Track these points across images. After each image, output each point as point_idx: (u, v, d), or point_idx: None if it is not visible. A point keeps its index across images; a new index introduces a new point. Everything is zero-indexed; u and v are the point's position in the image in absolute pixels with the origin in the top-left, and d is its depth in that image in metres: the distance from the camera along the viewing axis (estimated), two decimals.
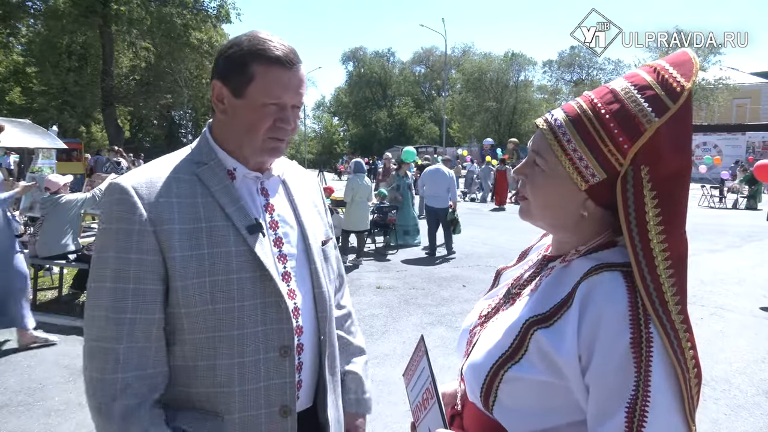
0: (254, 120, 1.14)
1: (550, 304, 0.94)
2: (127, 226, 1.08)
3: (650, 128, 0.87)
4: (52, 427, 3.41)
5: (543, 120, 0.99)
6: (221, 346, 1.12)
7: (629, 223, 0.89)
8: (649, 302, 0.85)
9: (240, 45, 1.14)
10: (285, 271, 1.22)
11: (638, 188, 0.88)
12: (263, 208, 1.23)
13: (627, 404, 0.82)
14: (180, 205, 1.12)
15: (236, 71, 1.13)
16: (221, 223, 1.14)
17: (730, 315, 5.78)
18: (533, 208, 1.01)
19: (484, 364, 0.97)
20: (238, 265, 1.13)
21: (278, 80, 1.13)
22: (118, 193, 1.10)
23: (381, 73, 57.90)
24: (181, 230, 1.10)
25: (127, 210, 1.08)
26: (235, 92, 1.14)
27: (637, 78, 0.93)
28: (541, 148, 0.98)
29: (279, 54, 1.13)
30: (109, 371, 1.07)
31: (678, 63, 0.92)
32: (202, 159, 1.20)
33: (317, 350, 1.27)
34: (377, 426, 3.43)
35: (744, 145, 27.70)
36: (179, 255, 1.09)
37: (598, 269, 0.91)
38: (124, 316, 1.07)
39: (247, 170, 1.21)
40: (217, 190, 1.16)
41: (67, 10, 20.56)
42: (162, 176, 1.14)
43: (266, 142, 1.17)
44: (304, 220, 1.29)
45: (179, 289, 1.10)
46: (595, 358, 0.85)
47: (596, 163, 0.91)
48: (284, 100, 1.15)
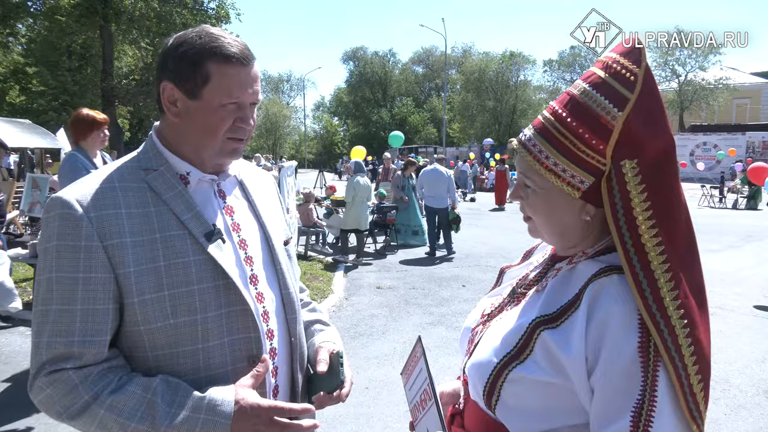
0: (213, 121, 1.08)
1: (557, 305, 0.94)
2: (71, 243, 1.00)
3: (617, 123, 0.87)
4: (52, 427, 3.40)
5: (517, 140, 1.00)
6: (185, 362, 1.06)
7: (617, 221, 0.89)
8: (644, 305, 0.84)
9: (191, 43, 1.06)
10: (252, 273, 1.16)
11: (621, 184, 0.88)
12: (222, 210, 1.17)
13: (633, 409, 0.82)
14: (130, 216, 1.04)
15: (190, 71, 1.06)
16: (177, 233, 1.07)
17: (730, 315, 5.79)
18: (539, 226, 1.02)
19: (489, 363, 0.97)
20: (198, 275, 1.06)
21: (236, 78, 1.07)
22: (59, 208, 1.01)
23: (381, 72, 57.89)
24: (133, 243, 1.03)
25: (72, 225, 1.00)
26: (189, 94, 1.07)
27: (593, 77, 0.94)
28: (524, 169, 0.99)
29: (235, 51, 1.06)
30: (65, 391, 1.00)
31: (626, 52, 0.93)
32: (150, 165, 1.11)
33: (290, 353, 1.22)
34: (377, 426, 3.43)
35: (744, 145, 27.68)
36: (134, 270, 1.02)
37: (607, 271, 0.90)
38: (72, 339, 1.00)
39: (202, 174, 1.14)
40: (170, 197, 1.09)
41: (68, 10, 20.55)
42: (108, 186, 1.06)
43: (226, 143, 1.11)
44: (265, 221, 1.24)
45: (136, 305, 1.02)
46: (601, 361, 0.85)
47: (578, 169, 0.91)
48: (243, 99, 1.09)
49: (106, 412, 0.98)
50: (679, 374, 0.83)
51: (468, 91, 46.32)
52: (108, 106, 22.56)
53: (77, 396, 0.99)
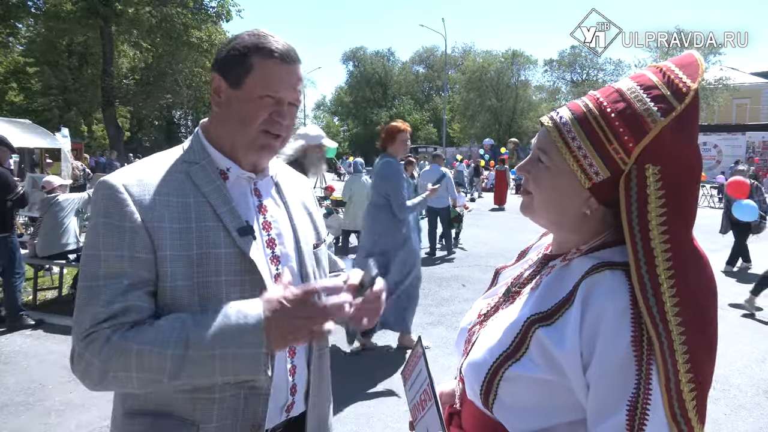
0: (250, 111, 1.12)
1: (551, 302, 0.94)
2: (117, 223, 1.05)
3: (655, 128, 0.87)
4: (52, 427, 3.41)
5: (549, 118, 0.99)
6: None
7: (631, 221, 0.89)
8: (644, 303, 0.85)
9: (242, 39, 1.15)
10: (277, 272, 1.19)
11: (642, 187, 0.88)
12: (256, 208, 1.21)
13: (628, 403, 0.82)
14: (170, 204, 1.09)
15: (236, 63, 1.13)
16: (212, 224, 1.11)
17: (730, 315, 5.78)
18: (536, 203, 1.01)
19: (485, 362, 0.97)
20: (227, 267, 1.10)
21: (276, 74, 1.12)
22: (107, 189, 1.07)
23: (381, 72, 57.91)
24: (171, 229, 1.07)
25: (118, 207, 1.05)
26: (233, 83, 1.13)
27: (644, 78, 0.94)
28: (545, 146, 0.98)
29: (279, 47, 1.13)
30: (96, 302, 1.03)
31: (684, 64, 0.93)
32: (194, 158, 1.17)
33: (307, 353, 1.25)
34: (377, 426, 3.43)
35: (744, 145, 27.66)
36: (169, 254, 1.06)
37: (600, 267, 0.91)
38: (113, 306, 1.02)
39: (241, 170, 1.19)
40: (209, 191, 1.13)
41: (68, 10, 20.55)
42: (152, 174, 1.12)
43: (260, 136, 1.14)
44: (296, 223, 1.27)
45: (167, 290, 1.06)
46: (596, 356, 0.85)
47: (600, 161, 0.91)
48: (281, 95, 1.13)
49: (141, 347, 0.98)
50: (667, 370, 0.83)
51: (469, 90, 46.28)
52: (108, 106, 22.57)
53: (112, 345, 0.99)
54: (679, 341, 0.84)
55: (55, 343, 4.80)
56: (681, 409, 0.84)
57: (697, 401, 0.86)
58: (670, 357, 0.84)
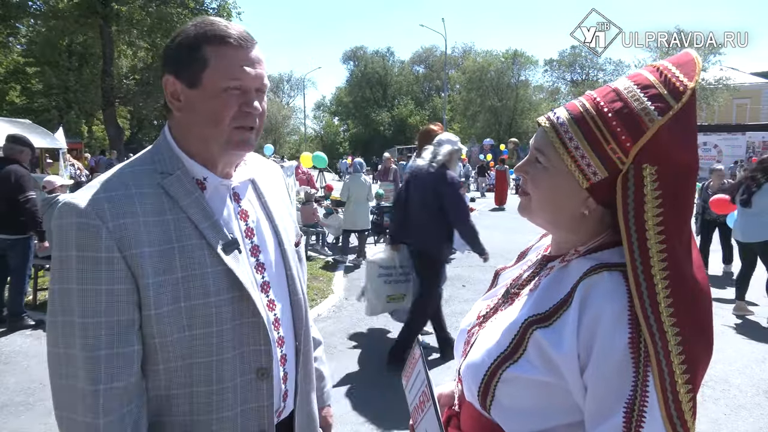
0: (216, 108, 1.02)
1: (549, 303, 0.94)
2: (92, 254, 0.95)
3: (652, 127, 0.87)
4: (52, 427, 3.39)
5: (546, 118, 0.99)
6: (198, 373, 1.04)
7: (627, 221, 0.89)
8: (639, 304, 0.84)
9: (187, 32, 1.04)
10: (264, 281, 1.14)
11: (639, 187, 0.88)
12: (237, 215, 1.13)
13: (625, 404, 0.82)
14: (147, 225, 1.00)
15: (187, 59, 1.02)
16: (195, 242, 1.03)
17: (730, 315, 5.78)
18: (534, 203, 1.01)
19: (482, 363, 0.97)
20: (216, 287, 1.04)
21: (235, 60, 1.02)
22: (75, 217, 0.96)
23: (382, 72, 57.90)
24: (151, 253, 0.99)
25: (90, 236, 0.96)
26: (189, 83, 1.03)
27: (641, 77, 0.93)
28: (542, 146, 0.98)
29: (231, 32, 1.03)
30: (91, 416, 0.96)
31: (681, 63, 0.93)
32: (166, 168, 1.07)
33: (295, 358, 1.22)
34: (377, 426, 3.43)
35: (744, 145, 27.64)
36: (152, 281, 0.98)
37: (598, 269, 0.90)
38: (100, 353, 0.96)
39: (218, 179, 1.10)
40: (187, 204, 1.05)
41: (68, 10, 20.55)
42: (123, 192, 1.01)
43: (234, 133, 1.04)
44: (278, 224, 1.21)
45: (153, 318, 0.99)
46: (593, 357, 0.85)
47: (598, 161, 0.91)
48: (246, 83, 1.03)
49: None
50: (662, 371, 0.83)
51: (469, 90, 46.27)
52: (108, 106, 22.56)
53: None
54: (674, 342, 0.84)
55: None
56: (677, 411, 0.84)
57: (692, 401, 0.86)
58: (665, 357, 0.83)
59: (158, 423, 1.06)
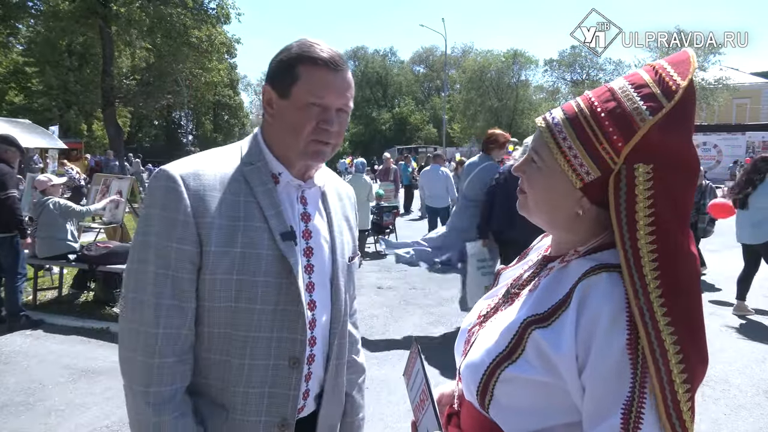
0: (298, 120, 1.15)
1: (548, 304, 0.94)
2: (171, 215, 1.10)
3: (644, 126, 0.87)
4: (52, 427, 3.41)
5: (542, 119, 1.00)
6: (234, 345, 1.15)
7: (620, 221, 0.89)
8: (636, 304, 0.84)
9: (289, 50, 1.18)
10: (309, 281, 1.23)
11: (630, 186, 0.88)
12: (300, 216, 1.25)
13: (623, 406, 0.82)
14: (222, 201, 1.14)
15: (283, 74, 1.16)
16: (258, 225, 1.15)
17: (730, 315, 5.79)
18: (531, 203, 1.02)
19: (481, 363, 0.97)
20: (267, 268, 1.14)
21: (322, 80, 1.15)
22: (165, 180, 1.12)
23: (382, 72, 57.92)
24: (219, 225, 1.12)
25: (174, 199, 1.10)
26: (281, 94, 1.17)
27: (636, 77, 0.94)
28: (538, 146, 0.99)
29: (324, 56, 1.16)
30: (146, 355, 1.10)
31: (677, 62, 0.93)
32: (250, 159, 1.21)
33: (325, 364, 1.29)
34: (377, 426, 3.43)
35: (744, 145, 27.64)
36: (214, 249, 1.11)
37: (597, 270, 0.90)
38: (163, 301, 1.10)
39: (291, 177, 1.22)
40: (260, 192, 1.18)
41: (68, 10, 20.53)
42: (210, 170, 1.16)
43: (310, 144, 1.17)
44: (335, 235, 1.31)
45: (207, 281, 1.12)
46: (591, 358, 0.85)
47: (590, 161, 0.91)
48: (328, 101, 1.16)
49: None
50: (659, 369, 0.83)
51: (469, 90, 46.26)
52: (108, 106, 22.55)
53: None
54: (670, 341, 0.84)
55: (55, 343, 4.81)
56: (676, 411, 0.84)
57: (691, 401, 0.86)
58: (662, 356, 0.83)
59: (197, 383, 1.18)
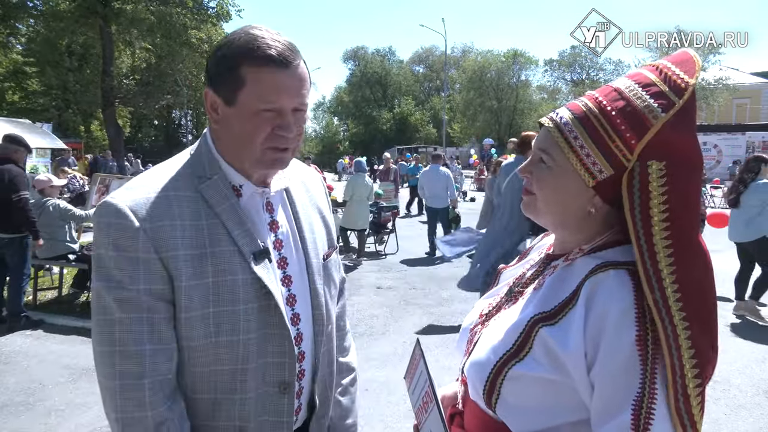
0: (249, 130, 1.01)
1: (554, 301, 0.94)
2: (130, 255, 0.97)
3: (657, 123, 0.88)
4: (52, 427, 3.40)
5: (548, 119, 0.99)
6: (222, 380, 1.06)
7: (634, 217, 0.89)
8: (652, 299, 0.85)
9: (230, 45, 1.02)
10: (289, 294, 1.14)
11: (644, 183, 0.89)
12: (268, 226, 1.14)
13: (633, 402, 0.82)
14: (183, 229, 1.01)
15: (226, 76, 1.01)
16: (227, 248, 1.04)
17: (730, 314, 5.78)
18: (540, 203, 1.01)
19: (488, 361, 0.97)
20: (245, 295, 1.04)
21: (272, 83, 0.99)
22: (114, 217, 0.98)
23: (382, 72, 57.89)
24: (185, 256, 1.00)
25: (128, 236, 0.97)
26: (226, 100, 1.02)
27: (641, 76, 0.94)
28: (547, 146, 0.98)
29: (271, 53, 0.99)
30: (138, 411, 0.98)
31: (680, 61, 0.93)
32: (204, 173, 1.08)
33: (312, 374, 1.21)
34: (377, 426, 3.43)
35: (744, 145, 27.63)
36: (185, 284, 1.00)
37: (604, 267, 0.91)
38: (143, 348, 0.98)
39: (254, 187, 1.11)
40: (222, 210, 1.05)
41: (68, 10, 20.53)
42: (161, 194, 1.02)
43: (265, 153, 1.04)
44: (306, 236, 1.20)
45: (182, 320, 1.01)
46: (600, 355, 0.85)
47: (603, 159, 0.91)
48: (281, 104, 1.01)
49: None
50: (673, 364, 0.83)
51: (469, 90, 46.23)
52: (108, 106, 22.54)
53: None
54: (684, 336, 0.85)
55: (55, 343, 4.80)
56: (686, 405, 0.84)
57: (701, 396, 0.86)
58: (676, 351, 0.83)
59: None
